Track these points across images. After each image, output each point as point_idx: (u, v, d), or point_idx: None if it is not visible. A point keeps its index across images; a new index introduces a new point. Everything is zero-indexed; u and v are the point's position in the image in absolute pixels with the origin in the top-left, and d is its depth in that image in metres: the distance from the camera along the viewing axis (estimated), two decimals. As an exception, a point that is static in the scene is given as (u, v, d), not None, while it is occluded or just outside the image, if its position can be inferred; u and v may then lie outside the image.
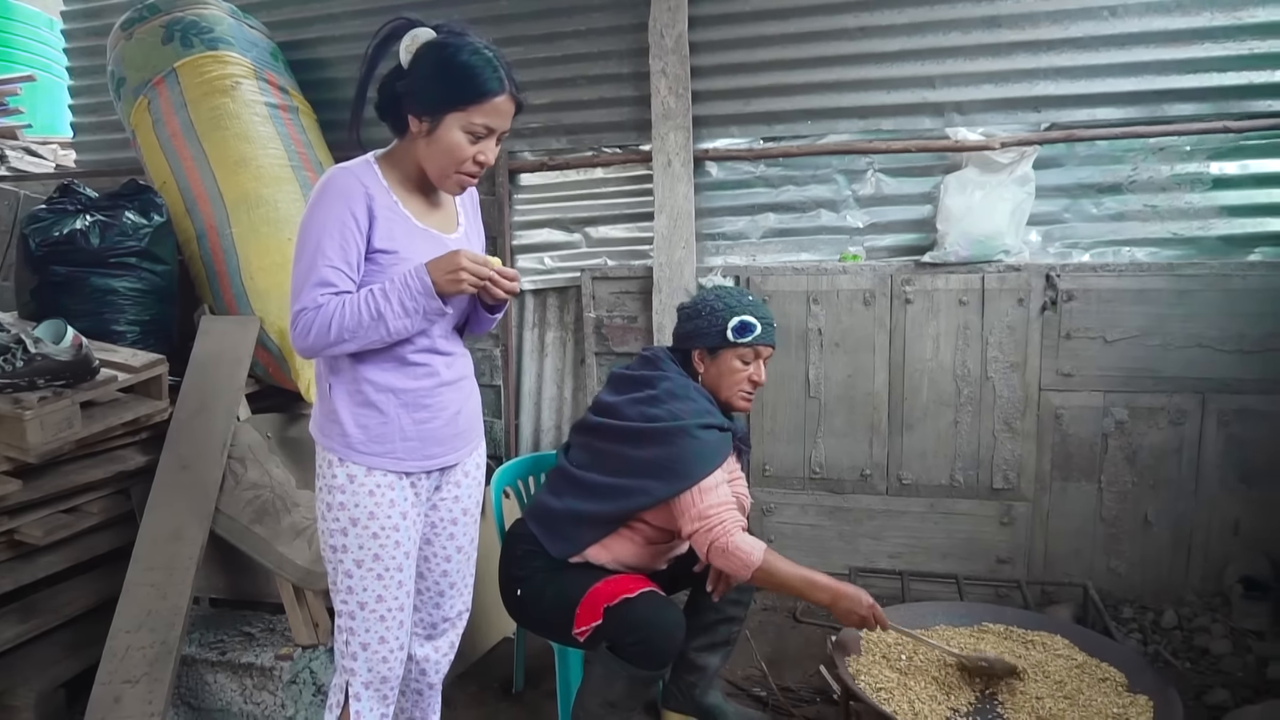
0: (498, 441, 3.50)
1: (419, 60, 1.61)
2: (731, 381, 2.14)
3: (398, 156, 1.69)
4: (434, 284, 1.59)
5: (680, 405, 2.06)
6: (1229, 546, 2.85)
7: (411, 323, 1.61)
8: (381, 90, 1.67)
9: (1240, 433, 2.80)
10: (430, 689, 1.96)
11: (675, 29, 3.12)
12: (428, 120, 1.61)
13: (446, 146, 1.61)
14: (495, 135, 1.64)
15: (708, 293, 2.22)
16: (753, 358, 2.14)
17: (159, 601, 2.22)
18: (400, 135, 1.69)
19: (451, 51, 1.59)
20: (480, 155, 1.63)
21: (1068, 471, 2.96)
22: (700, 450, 2.01)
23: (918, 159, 3.06)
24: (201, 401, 2.50)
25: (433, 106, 1.60)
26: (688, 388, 2.12)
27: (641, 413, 2.08)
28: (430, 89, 1.59)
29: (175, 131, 2.94)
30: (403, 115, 1.64)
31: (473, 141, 1.62)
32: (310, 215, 1.61)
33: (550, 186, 3.46)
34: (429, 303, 1.60)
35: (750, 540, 1.95)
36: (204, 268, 2.83)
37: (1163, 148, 2.87)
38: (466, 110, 1.59)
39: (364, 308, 1.58)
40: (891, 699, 1.84)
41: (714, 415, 2.09)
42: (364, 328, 1.58)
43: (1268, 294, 2.73)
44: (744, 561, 1.92)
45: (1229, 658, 2.58)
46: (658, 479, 2.01)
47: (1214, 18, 2.76)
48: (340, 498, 1.69)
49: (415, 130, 1.63)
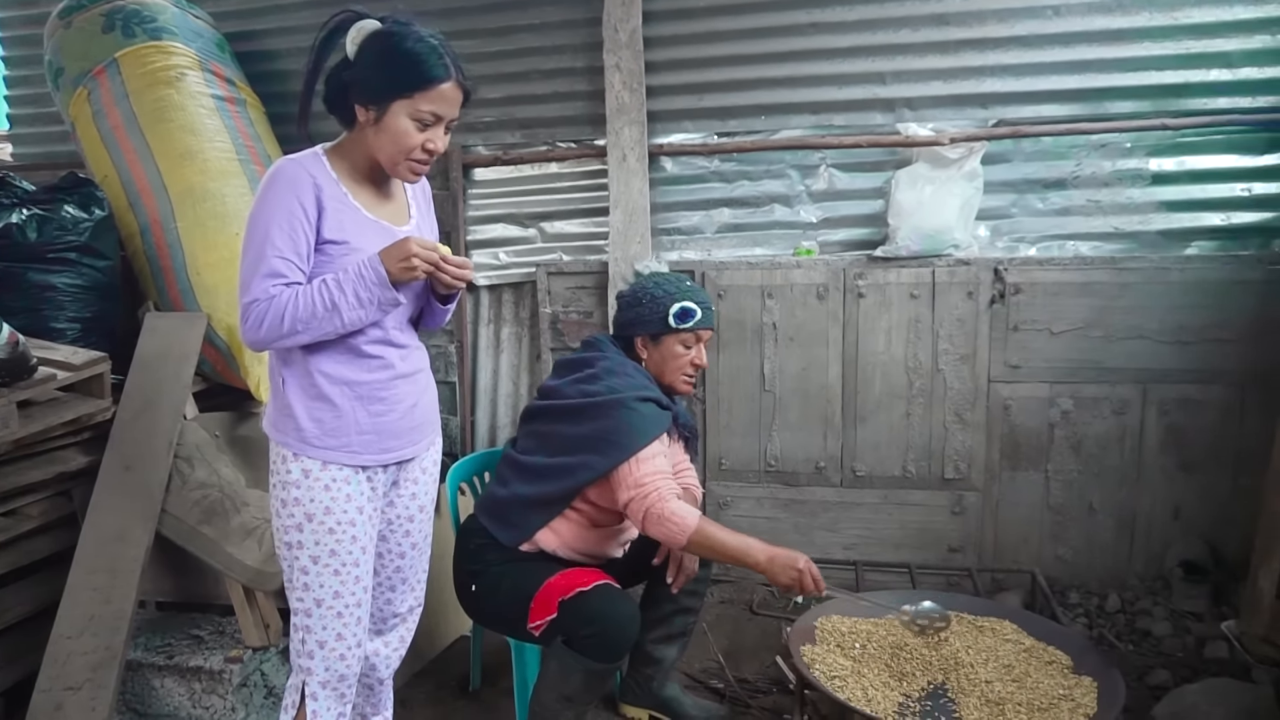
0: (453, 438, 3.47)
1: (364, 50, 1.61)
2: (674, 366, 2.18)
3: (346, 148, 1.69)
4: (388, 273, 1.58)
5: (618, 380, 2.09)
6: (1169, 532, 2.94)
7: (366, 313, 1.61)
8: (329, 82, 1.67)
9: (1179, 421, 2.89)
10: (381, 684, 1.94)
11: (629, 24, 3.12)
12: (374, 109, 1.60)
13: (394, 134, 1.61)
14: (444, 123, 1.64)
15: (646, 280, 2.24)
16: (694, 341, 2.18)
17: (102, 606, 2.17)
18: (349, 127, 1.68)
19: (396, 40, 1.59)
20: (429, 143, 1.63)
21: (1016, 461, 3.02)
22: (637, 421, 2.03)
23: (869, 154, 3.11)
24: (146, 400, 2.43)
25: (379, 95, 1.59)
26: (626, 365, 2.15)
27: (580, 390, 2.10)
28: (375, 77, 1.59)
29: (117, 123, 2.86)
30: (350, 106, 1.64)
31: (421, 129, 1.61)
32: (258, 206, 1.60)
33: (505, 181, 3.44)
34: (384, 293, 1.60)
35: (685, 508, 1.97)
36: (148, 263, 2.76)
37: (1105, 144, 2.94)
38: (413, 97, 1.58)
39: (318, 299, 1.57)
40: (846, 686, 1.86)
41: (653, 390, 2.12)
42: (318, 319, 1.57)
43: (1204, 287, 2.82)
44: (679, 528, 1.94)
45: (1169, 639, 2.66)
46: (597, 452, 2.02)
47: (1152, 18, 2.84)
48: (295, 493, 1.66)
49: (363, 120, 1.63)
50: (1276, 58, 2.79)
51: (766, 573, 1.97)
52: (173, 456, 2.37)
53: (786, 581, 1.95)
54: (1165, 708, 2.20)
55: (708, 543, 1.97)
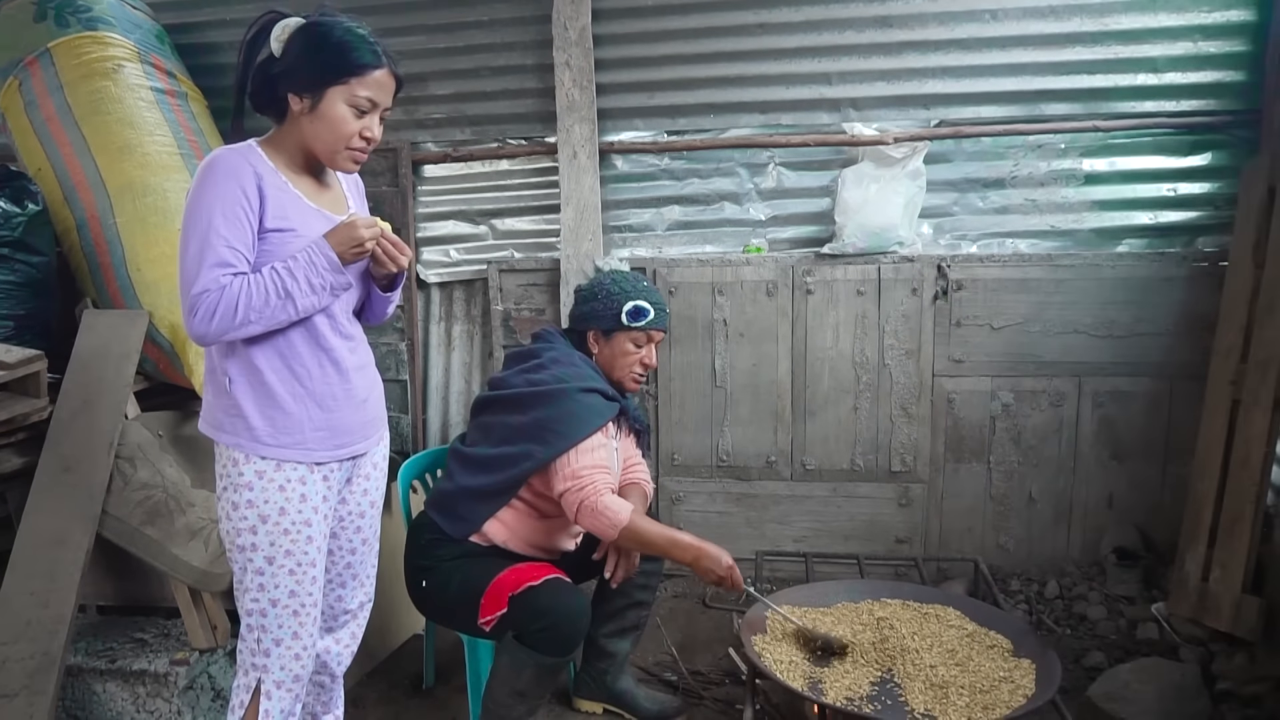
0: (405, 436, 3.44)
1: (292, 43, 1.61)
2: (624, 363, 2.20)
3: (279, 141, 1.67)
4: (338, 255, 1.59)
5: (563, 369, 2.11)
6: (1103, 519, 3.05)
7: (319, 299, 1.61)
8: (254, 79, 1.65)
9: (1112, 413, 3.01)
10: (333, 680, 1.93)
11: (579, 21, 3.13)
12: (309, 97, 1.60)
13: (331, 121, 1.60)
14: (379, 110, 1.64)
15: (604, 276, 2.26)
16: (645, 341, 2.21)
17: (39, 610, 2.10)
18: (280, 121, 1.67)
19: (325, 29, 1.60)
20: (366, 131, 1.63)
21: (959, 453, 3.11)
22: (580, 410, 2.05)
23: (816, 153, 3.16)
24: (85, 399, 2.37)
25: (313, 83, 1.59)
26: (572, 356, 2.17)
27: (526, 379, 2.12)
28: (308, 66, 1.59)
29: (51, 115, 2.78)
30: (281, 98, 1.63)
31: (358, 116, 1.61)
32: (198, 196, 1.57)
33: (455, 178, 3.42)
34: (336, 276, 1.60)
35: (618, 501, 2.00)
36: (86, 259, 2.68)
37: (1041, 145, 3.04)
38: (348, 83, 1.59)
39: (270, 286, 1.55)
40: (795, 674, 1.89)
41: (598, 381, 2.14)
42: (271, 307, 1.56)
43: (1134, 283, 2.94)
44: (611, 521, 1.97)
45: (1104, 622, 2.77)
46: (539, 441, 2.04)
47: (1083, 23, 2.94)
48: (248, 495, 1.64)
49: (297, 109, 1.62)
50: (1198, 63, 2.92)
51: (694, 568, 2.02)
52: (114, 457, 2.31)
53: (712, 579, 2.01)
54: (1100, 687, 2.29)
55: (639, 536, 2.00)
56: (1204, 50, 2.90)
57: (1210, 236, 2.98)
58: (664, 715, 2.35)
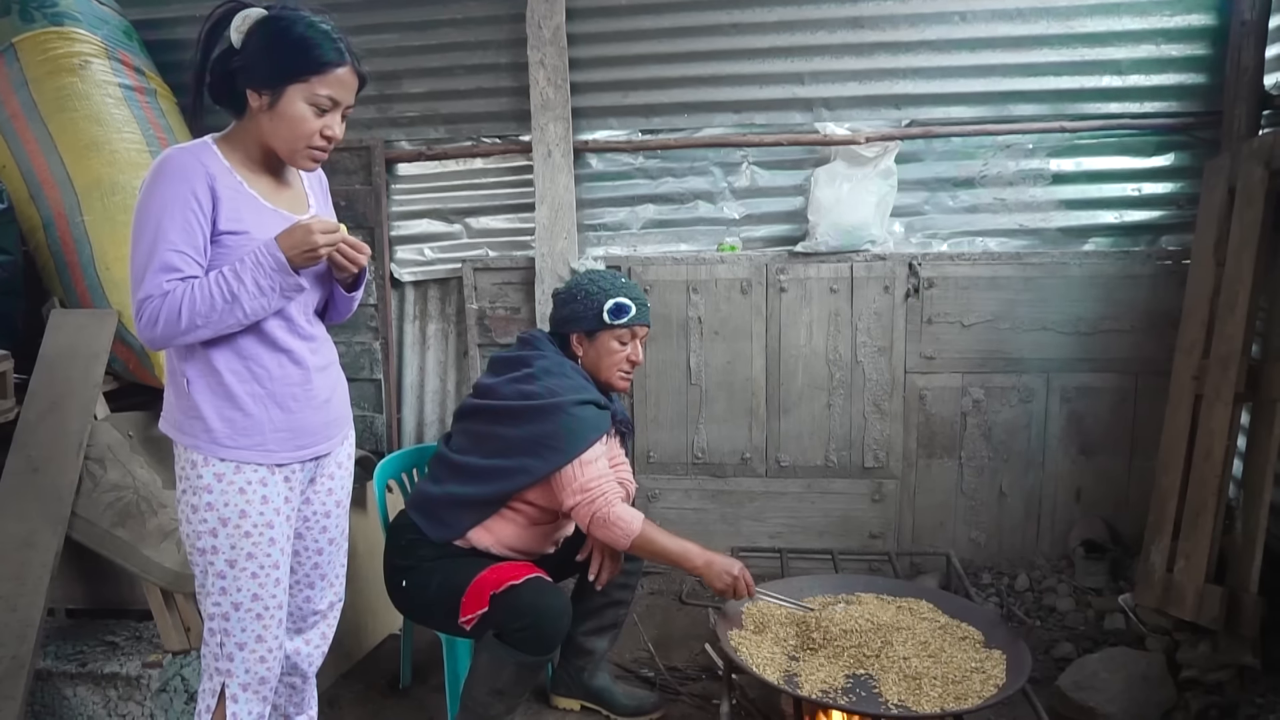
0: (379, 436, 3.42)
1: (252, 36, 1.58)
2: (610, 363, 2.19)
3: (238, 137, 1.64)
4: (287, 259, 1.54)
5: (556, 382, 2.09)
6: (1072, 513, 3.11)
7: (268, 301, 1.56)
8: (213, 71, 1.62)
9: (1079, 408, 3.06)
10: (305, 681, 1.91)
11: (553, 20, 3.13)
12: (268, 94, 1.57)
13: (290, 120, 1.57)
14: (340, 109, 1.61)
15: (581, 277, 2.25)
16: (629, 338, 2.20)
17: (7, 614, 2.07)
18: (239, 115, 1.64)
19: (287, 24, 1.57)
20: (327, 129, 1.60)
21: (931, 449, 3.15)
22: (578, 426, 2.05)
23: (789, 153, 3.19)
24: (53, 400, 2.34)
25: (272, 79, 1.56)
26: (564, 365, 2.16)
27: (518, 391, 2.10)
28: (268, 62, 1.56)
29: (15, 112, 2.73)
30: (239, 93, 1.60)
31: (318, 114, 1.58)
32: (147, 198, 1.54)
33: (429, 177, 3.40)
34: (284, 279, 1.55)
35: (630, 511, 2.03)
36: (52, 258, 2.64)
37: (1009, 145, 3.09)
38: (309, 81, 1.56)
39: (216, 291, 1.52)
40: (771, 669, 1.92)
41: (590, 392, 2.14)
42: (217, 311, 1.52)
43: (1100, 281, 3.00)
44: (624, 531, 1.99)
45: (1073, 614, 2.82)
46: (537, 457, 2.04)
47: (1050, 26, 2.99)
48: (208, 498, 1.62)
49: (256, 105, 1.59)
50: (1161, 66, 2.98)
51: (704, 576, 2.05)
52: (83, 458, 2.28)
53: (721, 586, 2.04)
54: (1069, 677, 2.33)
55: (650, 546, 2.02)
56: (1167, 53, 2.96)
57: (1173, 235, 3.05)
58: (641, 711, 2.36)
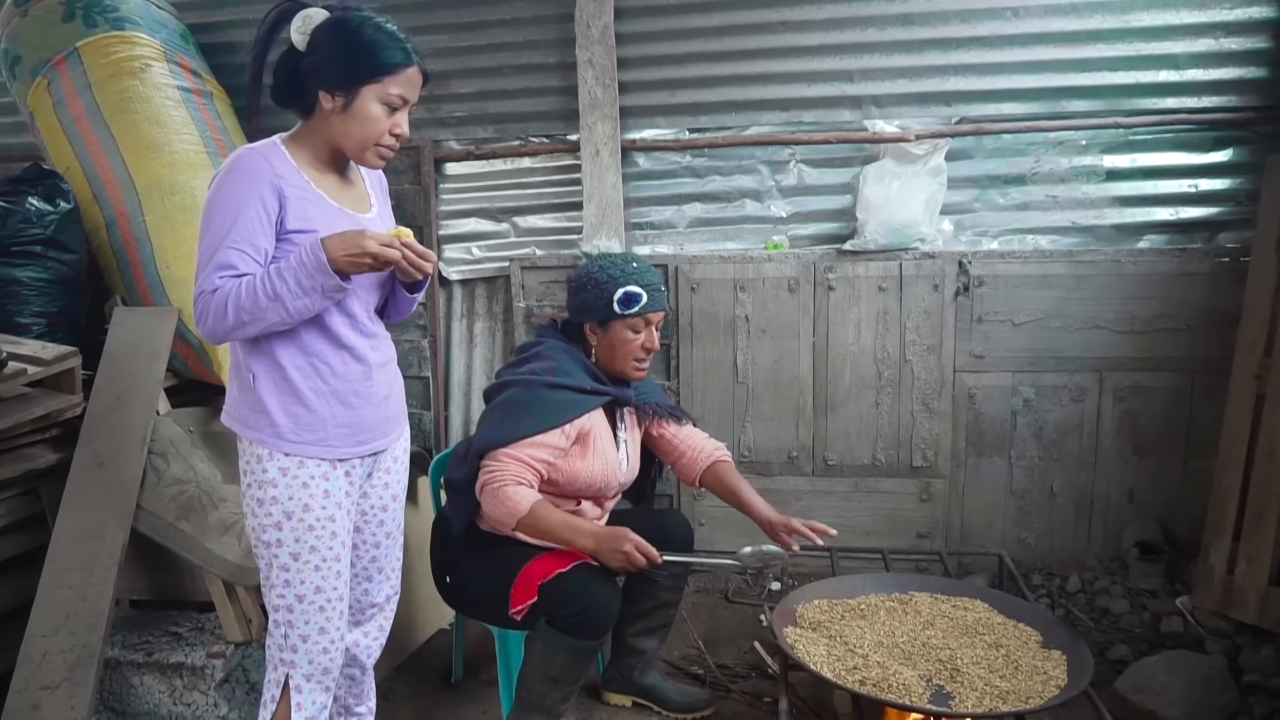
0: (427, 433, 3.46)
1: (320, 38, 1.60)
2: (624, 352, 2.13)
3: (305, 137, 1.67)
4: (331, 260, 1.52)
5: (541, 364, 2.09)
6: (1125, 514, 3.06)
7: (311, 302, 1.56)
8: (278, 73, 1.65)
9: (1133, 408, 3.02)
10: (364, 674, 1.94)
11: (601, 20, 3.14)
12: (342, 95, 1.60)
13: (364, 120, 1.60)
14: (408, 107, 1.65)
15: (591, 263, 2.18)
16: (643, 325, 2.12)
17: (78, 604, 2.13)
18: (307, 116, 1.67)
19: (356, 26, 1.60)
20: (396, 127, 1.64)
21: (980, 448, 3.12)
22: (536, 405, 2.03)
23: (837, 150, 3.17)
24: (117, 395, 2.39)
25: (346, 80, 1.59)
26: (557, 350, 2.14)
27: (512, 373, 2.14)
28: (341, 64, 1.59)
29: (79, 114, 2.80)
30: (309, 94, 1.62)
31: (389, 113, 1.62)
32: (215, 195, 1.58)
33: (477, 176, 3.43)
34: (325, 280, 1.54)
35: (523, 492, 1.97)
36: (115, 257, 2.71)
37: (1062, 141, 3.05)
38: (382, 81, 1.59)
39: (260, 289, 1.53)
40: (831, 667, 1.91)
41: (575, 378, 2.09)
42: (261, 309, 1.54)
43: (1155, 278, 2.95)
44: (510, 510, 1.95)
45: (1127, 616, 2.78)
46: (494, 429, 2.05)
47: (1105, 20, 2.95)
48: (273, 492, 1.65)
49: (329, 107, 1.61)
50: (1219, 60, 2.92)
51: (595, 555, 1.97)
52: (146, 452, 2.33)
53: (616, 563, 1.94)
54: (1127, 679, 2.30)
55: (537, 526, 1.96)
56: (1225, 47, 2.90)
57: (1232, 232, 2.99)
58: (693, 708, 2.37)
